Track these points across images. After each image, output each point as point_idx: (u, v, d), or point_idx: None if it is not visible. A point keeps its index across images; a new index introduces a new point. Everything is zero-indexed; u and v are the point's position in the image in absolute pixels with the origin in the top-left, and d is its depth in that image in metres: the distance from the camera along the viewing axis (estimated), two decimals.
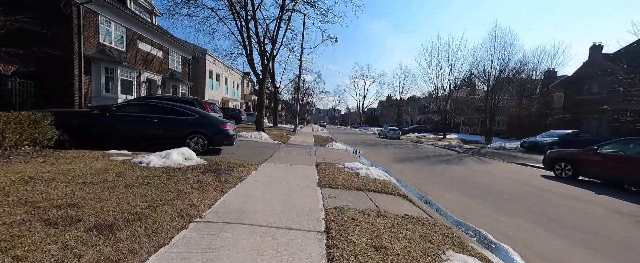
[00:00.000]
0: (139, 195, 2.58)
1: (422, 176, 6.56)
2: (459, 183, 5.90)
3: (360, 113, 60.50)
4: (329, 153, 8.87)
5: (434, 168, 7.93)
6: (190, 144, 5.75)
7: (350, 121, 79.90)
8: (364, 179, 4.84)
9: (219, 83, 25.17)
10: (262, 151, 7.69)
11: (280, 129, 19.19)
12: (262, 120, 12.78)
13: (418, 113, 46.12)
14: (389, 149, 13.73)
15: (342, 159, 7.53)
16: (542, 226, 3.40)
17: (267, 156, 6.81)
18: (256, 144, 9.27)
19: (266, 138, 10.91)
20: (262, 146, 8.72)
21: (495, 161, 10.50)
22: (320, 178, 4.67)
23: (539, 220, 3.68)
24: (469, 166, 8.75)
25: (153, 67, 14.48)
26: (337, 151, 9.79)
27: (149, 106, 5.68)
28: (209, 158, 5.11)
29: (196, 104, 8.32)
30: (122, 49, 12.12)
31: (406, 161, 9.13)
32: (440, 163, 9.00)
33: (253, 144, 9.17)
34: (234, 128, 6.82)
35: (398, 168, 7.45)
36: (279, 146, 9.28)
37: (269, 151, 7.84)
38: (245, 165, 4.88)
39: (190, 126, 5.78)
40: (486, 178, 6.63)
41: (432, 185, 5.58)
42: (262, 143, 9.86)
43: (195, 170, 3.79)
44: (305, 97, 53.45)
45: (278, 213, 2.74)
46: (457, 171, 7.53)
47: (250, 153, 7.04)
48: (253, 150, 7.62)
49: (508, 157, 11.86)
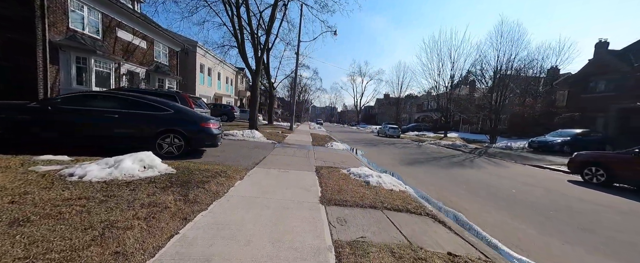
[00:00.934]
0: (25, 241, 1.55)
1: (439, 183, 5.65)
2: (485, 192, 5.01)
3: (357, 111, 59.71)
4: (329, 154, 7.91)
5: (449, 172, 7.04)
6: (162, 146, 4.70)
7: (347, 119, 79.15)
8: (376, 190, 3.89)
9: (211, 78, 23.87)
10: (254, 152, 6.68)
11: (276, 127, 18.14)
12: (255, 117, 11.72)
13: (416, 111, 45.52)
14: (392, 149, 12.85)
15: (345, 163, 6.57)
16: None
17: (258, 159, 5.81)
18: (247, 144, 8.24)
19: (259, 137, 9.89)
20: (253, 147, 7.69)
21: (508, 163, 9.70)
22: (323, 190, 3.69)
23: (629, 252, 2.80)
24: (484, 169, 7.91)
25: (135, 58, 13.22)
26: (338, 151, 8.84)
27: (107, 98, 4.58)
28: (183, 163, 4.08)
29: (177, 98, 7.23)
30: (97, 37, 10.86)
31: (415, 163, 8.24)
32: (452, 166, 8.13)
33: (244, 144, 8.13)
34: (220, 126, 5.78)
35: (409, 173, 6.53)
36: (273, 147, 8.27)
37: (262, 152, 6.83)
38: (229, 173, 3.87)
39: (163, 123, 4.73)
40: (510, 185, 5.77)
41: (455, 195, 4.67)
42: (254, 142, 8.83)
43: (154, 185, 2.77)
44: (302, 94, 52.38)
45: (264, 259, 1.76)
46: (475, 176, 6.66)
47: (238, 155, 6.02)
48: (243, 152, 6.60)
49: (519, 158, 11.10)
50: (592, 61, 19.14)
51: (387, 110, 52.22)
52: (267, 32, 12.60)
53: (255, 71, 11.38)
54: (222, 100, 26.89)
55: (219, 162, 4.88)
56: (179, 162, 4.14)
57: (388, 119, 48.73)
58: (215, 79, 24.76)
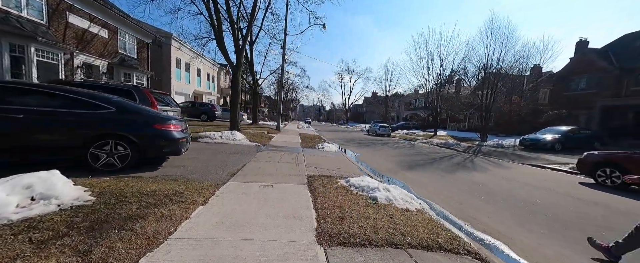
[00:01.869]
0: None
1: (452, 192, 4.85)
2: (507, 204, 4.26)
3: (346, 110, 59.26)
4: (321, 158, 6.92)
5: (456, 177, 6.31)
6: (98, 157, 3.45)
7: (335, 117, 78.67)
8: (389, 212, 2.95)
9: (190, 74, 21.99)
10: (231, 159, 5.52)
11: (261, 127, 16.86)
12: (237, 116, 10.45)
13: (404, 109, 45.77)
14: (387, 149, 12.11)
15: (340, 169, 5.61)
16: None
17: (235, 168, 4.69)
18: (225, 148, 7.03)
19: (241, 139, 8.67)
20: (232, 152, 6.51)
21: (507, 163, 9.25)
22: (319, 216, 2.69)
23: None
24: (488, 171, 7.30)
25: (94, 49, 11.41)
26: (330, 154, 7.87)
27: (8, 90, 3.22)
28: (119, 183, 2.90)
29: (135, 94, 5.88)
30: (41, 22, 9.06)
31: (416, 167, 7.46)
32: (455, 169, 7.46)
33: (221, 148, 6.92)
34: (185, 128, 4.58)
35: (415, 180, 5.70)
36: (256, 150, 7.13)
37: (241, 158, 5.69)
38: (187, 195, 2.76)
39: (98, 125, 3.48)
40: (528, 193, 5.09)
41: (477, 210, 3.86)
42: (234, 146, 7.62)
43: (27, 235, 1.61)
44: (290, 93, 50.98)
45: None
46: (485, 181, 5.97)
47: (211, 163, 4.85)
48: (218, 158, 5.42)
49: (515, 157, 10.76)
50: (574, 59, 19.68)
51: (376, 108, 52.23)
52: (249, 23, 11.33)
53: (237, 64, 10.09)
54: (203, 98, 25.01)
55: (180, 176, 3.72)
56: (113, 181, 2.94)
57: (376, 117, 48.66)
58: (194, 76, 22.88)
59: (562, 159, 10.24)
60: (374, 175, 5.61)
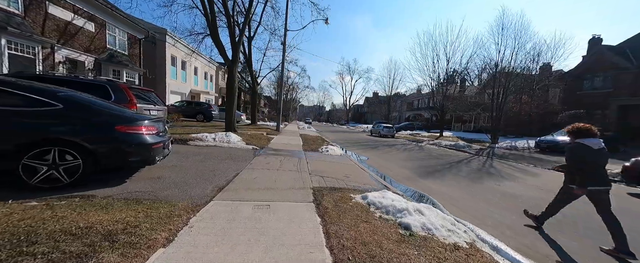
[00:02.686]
0: None
1: (488, 209, 3.98)
2: (572, 227, 3.38)
3: (347, 110, 58.45)
4: (326, 163, 6.05)
5: (483, 187, 5.44)
6: (35, 170, 2.58)
7: (335, 117, 77.85)
8: (433, 251, 2.07)
9: (186, 73, 21.12)
10: (222, 167, 4.65)
11: (260, 127, 15.99)
12: (232, 116, 9.58)
13: (407, 110, 44.91)
14: (395, 152, 11.24)
15: (350, 177, 4.73)
16: None
17: (225, 178, 3.82)
18: (217, 153, 6.16)
19: (236, 142, 7.80)
20: (225, 157, 5.63)
21: (531, 168, 8.37)
22: (336, 259, 1.81)
23: None
24: (517, 179, 6.42)
25: (78, 43, 10.54)
26: (336, 158, 6.99)
27: None
28: (54, 206, 2.03)
29: (110, 89, 5.01)
30: (15, 11, 8.19)
31: (434, 173, 6.59)
32: (478, 176, 6.59)
33: (212, 153, 6.04)
34: (163, 131, 3.70)
35: (440, 192, 4.83)
36: (253, 155, 6.26)
37: (234, 166, 4.82)
38: (140, 231, 1.88)
39: (35, 127, 2.61)
40: (572, 208, 4.21)
41: (551, 247, 2.98)
42: (227, 150, 6.75)
43: None
44: (290, 93, 50.19)
45: None
46: (519, 191, 5.11)
47: (196, 173, 3.97)
48: (206, 166, 4.55)
49: (535, 161, 9.89)
50: (588, 57, 18.80)
51: (377, 109, 51.42)
52: (246, 16, 10.47)
53: (232, 59, 9.21)
54: (200, 98, 24.14)
55: (149, 193, 2.85)
56: (39, 208, 2.06)
57: (378, 118, 47.81)
58: (190, 74, 22.01)
59: None
60: (391, 185, 4.73)
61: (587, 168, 2.70)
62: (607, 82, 16.69)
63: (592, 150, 2.70)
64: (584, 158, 2.71)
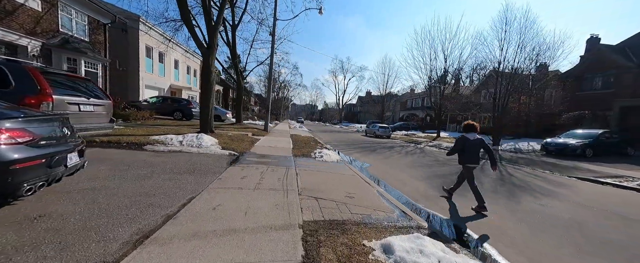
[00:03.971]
0: None
1: (566, 256, 2.76)
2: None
3: (340, 109, 57.40)
4: (321, 174, 4.70)
5: (536, 210, 4.28)
6: None
7: (328, 117, 76.75)
8: None
9: (164, 66, 19.14)
10: (170, 187, 3.19)
11: (246, 127, 14.43)
12: (209, 114, 8.05)
13: (400, 109, 44.32)
14: (397, 156, 10.06)
15: (355, 198, 3.40)
16: None
17: (164, 213, 2.38)
18: (176, 163, 4.66)
19: (209, 146, 6.31)
20: (184, 170, 4.16)
21: (549, 174, 7.37)
22: None
23: None
24: (550, 192, 5.33)
25: (17, 23, 8.64)
26: (333, 167, 5.66)
27: None
28: None
29: (7, 71, 3.44)
30: None
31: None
32: (511, 190, 5.46)
33: (168, 163, 4.54)
34: (49, 138, 2.22)
35: (475, 220, 3.61)
36: (226, 165, 4.81)
37: (191, 184, 3.38)
38: None
39: None
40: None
41: None
42: (194, 157, 5.25)
43: None
44: (282, 91, 48.53)
45: None
46: (590, 219, 3.97)
47: (119, 203, 2.51)
48: (143, 188, 3.08)
49: (549, 166, 8.96)
50: (587, 57, 18.43)
51: (371, 108, 50.64)
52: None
53: (209, 46, 7.66)
54: (182, 94, 22.16)
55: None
56: None
57: (371, 117, 46.97)
58: (170, 68, 20.02)
59: (608, 169, 8.50)
60: (413, 212, 3.44)
61: (466, 151, 3.90)
62: (607, 83, 16.29)
63: (469, 140, 3.91)
64: (463, 145, 3.94)
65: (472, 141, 3.90)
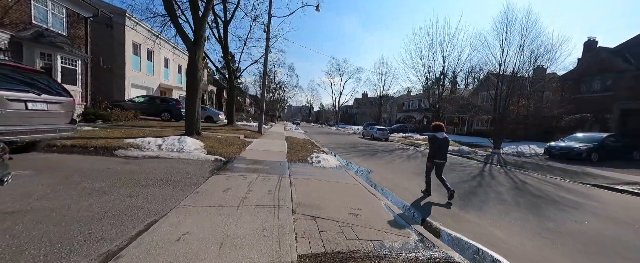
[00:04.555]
0: None
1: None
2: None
3: (336, 111, 56.90)
4: (319, 184, 4.04)
5: (576, 230, 3.71)
6: None
7: (324, 118, 76.17)
8: None
9: (153, 64, 18.25)
10: (127, 207, 2.48)
11: (238, 129, 13.66)
12: (195, 115, 7.32)
13: (397, 111, 44.05)
14: (398, 160, 9.48)
15: (360, 216, 2.73)
16: None
17: (103, 250, 1.67)
18: (147, 171, 3.94)
19: (192, 150, 5.59)
20: (154, 182, 3.45)
21: (560, 181, 6.89)
22: None
23: None
24: (586, 208, 4.78)
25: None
26: (332, 175, 5.01)
27: None
28: None
29: None
30: None
31: (469, 196, 4.80)
32: (533, 201, 4.91)
33: (138, 172, 3.82)
34: None
35: (509, 243, 3.01)
36: (209, 173, 4.11)
37: (158, 201, 2.68)
38: None
39: None
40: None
41: None
42: (172, 164, 4.53)
43: None
44: (278, 92, 47.81)
45: None
46: (607, 233, 3.43)
47: (43, 236, 1.79)
48: (91, 208, 2.36)
49: (558, 171, 8.52)
50: (585, 59, 18.34)
51: (367, 110, 50.29)
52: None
53: (195, 40, 6.96)
54: (172, 93, 21.25)
55: None
56: None
57: (368, 119, 46.55)
58: (159, 66, 19.12)
59: (620, 175, 8.08)
60: (431, 234, 2.80)
61: (435, 149, 4.36)
62: (606, 86, 16.14)
63: (438, 139, 4.38)
64: (434, 143, 4.39)
65: (441, 139, 4.36)
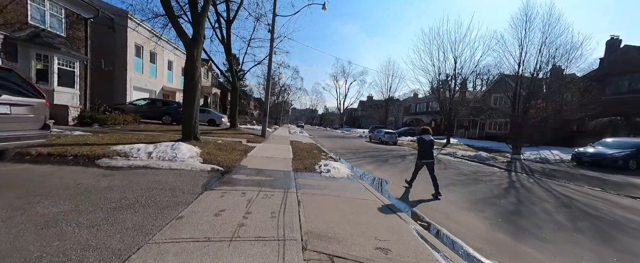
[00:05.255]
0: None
1: None
2: None
3: (341, 113, 56.17)
4: (332, 202, 3.30)
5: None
6: None
7: (328, 121, 75.45)
8: None
9: (157, 66, 17.93)
10: (80, 240, 1.77)
11: (241, 133, 13.06)
12: (193, 118, 6.72)
13: (404, 114, 43.02)
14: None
15: (391, 257, 1.98)
16: None
17: None
18: (120, 189, 3.27)
19: (186, 158, 4.94)
20: (129, 203, 2.77)
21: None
22: None
23: None
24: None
25: None
26: (345, 188, 4.26)
27: None
28: None
29: None
30: None
31: (515, 217, 4.00)
32: (591, 223, 4.06)
33: (107, 192, 3.15)
34: None
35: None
36: (202, 186, 3.42)
37: (129, 228, 1.97)
38: None
39: None
40: None
41: None
42: (160, 176, 3.86)
43: None
44: (282, 95, 47.47)
45: None
46: None
47: None
48: (15, 250, 1.67)
49: (600, 182, 7.56)
50: (610, 58, 17.19)
51: (373, 113, 49.35)
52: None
53: (193, 36, 6.39)
54: (175, 97, 20.88)
55: None
56: None
57: (373, 122, 45.56)
58: (163, 69, 18.81)
59: None
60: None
61: (423, 150, 5.07)
62: (636, 86, 14.98)
63: (425, 141, 5.04)
64: (422, 145, 5.08)
65: (427, 141, 4.98)
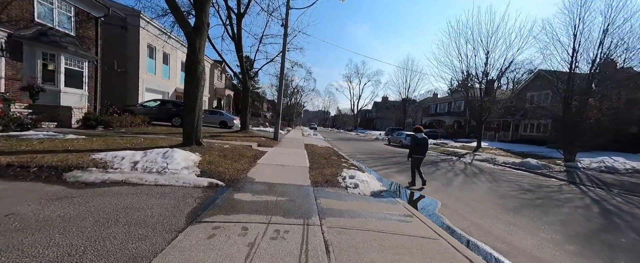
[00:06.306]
0: None
1: None
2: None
3: (355, 115, 54.52)
4: (373, 237, 2.07)
5: None
6: None
7: (341, 123, 73.91)
8: None
9: (170, 68, 17.66)
10: None
11: (252, 135, 12.16)
12: (195, 120, 5.78)
13: (422, 115, 40.59)
14: (455, 179, 7.17)
15: None
16: None
17: None
18: (61, 227, 2.23)
19: (179, 169, 3.93)
20: (69, 249, 1.71)
21: None
22: None
23: None
24: None
25: None
26: (383, 211, 2.99)
27: None
28: None
29: None
30: None
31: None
32: None
33: (41, 230, 2.12)
34: None
35: None
36: (188, 215, 2.31)
37: None
38: None
39: None
40: None
41: None
42: (131, 199, 2.83)
43: None
44: (295, 96, 46.89)
45: None
46: None
47: None
48: None
49: None
50: None
51: (388, 114, 47.29)
52: None
53: (195, 24, 5.47)
54: None
55: None
56: None
57: (389, 123, 43.52)
58: (176, 70, 18.54)
59: None
60: None
61: (414, 147, 5.67)
62: None
63: (417, 138, 5.66)
64: (413, 142, 5.71)
65: (420, 139, 5.67)
